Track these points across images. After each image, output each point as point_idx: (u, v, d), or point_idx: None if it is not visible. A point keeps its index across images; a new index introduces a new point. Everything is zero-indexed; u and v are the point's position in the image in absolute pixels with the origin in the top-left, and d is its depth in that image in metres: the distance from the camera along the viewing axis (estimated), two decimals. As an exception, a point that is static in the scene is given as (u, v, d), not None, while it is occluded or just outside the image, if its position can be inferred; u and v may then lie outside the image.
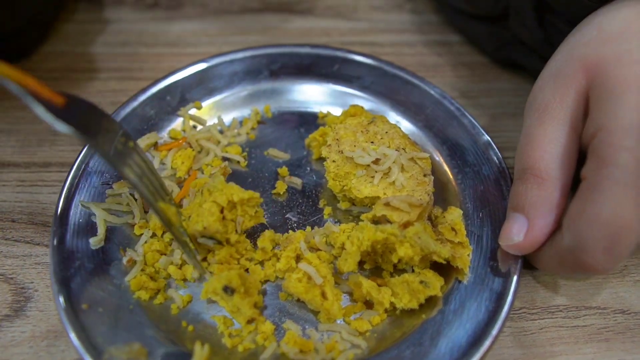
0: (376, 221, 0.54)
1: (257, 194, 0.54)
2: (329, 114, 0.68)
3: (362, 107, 0.65)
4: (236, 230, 0.54)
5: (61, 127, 0.44)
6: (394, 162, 0.57)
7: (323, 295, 0.51)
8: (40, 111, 0.43)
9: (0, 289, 0.54)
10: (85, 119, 0.46)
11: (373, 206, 0.56)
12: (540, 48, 0.66)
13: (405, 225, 0.52)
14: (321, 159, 0.63)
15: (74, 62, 0.75)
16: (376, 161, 0.58)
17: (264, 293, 0.54)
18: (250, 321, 0.51)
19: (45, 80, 0.71)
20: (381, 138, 0.60)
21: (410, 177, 0.57)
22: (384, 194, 0.56)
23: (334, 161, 0.59)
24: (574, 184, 0.50)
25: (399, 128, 0.62)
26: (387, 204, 0.54)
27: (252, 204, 0.55)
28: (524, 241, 0.50)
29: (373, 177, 0.57)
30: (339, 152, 0.59)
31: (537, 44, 0.66)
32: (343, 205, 0.60)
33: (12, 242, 0.57)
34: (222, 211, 0.52)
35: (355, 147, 0.59)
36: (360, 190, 0.56)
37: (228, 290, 0.49)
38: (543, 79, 0.53)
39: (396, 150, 0.59)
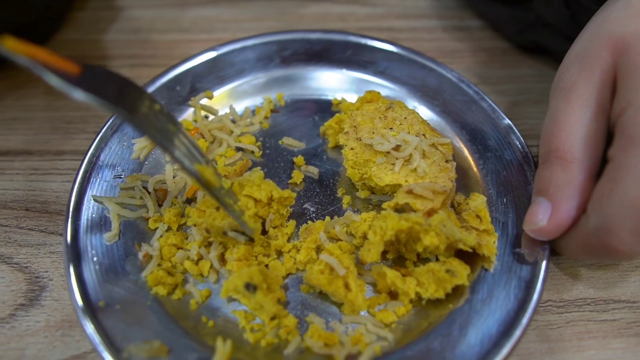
0: (399, 209, 0.53)
1: (293, 194, 0.54)
2: (343, 100, 0.66)
3: (378, 93, 0.64)
4: (265, 229, 0.53)
5: (79, 94, 0.41)
6: (415, 148, 0.55)
7: (346, 286, 0.49)
8: (55, 81, 0.41)
9: (15, 278, 0.53)
10: (105, 85, 0.44)
11: (393, 194, 0.55)
12: (566, 28, 0.64)
13: (429, 213, 0.51)
14: (337, 147, 0.62)
15: (87, 49, 0.74)
16: (396, 148, 0.56)
17: (284, 287, 0.53)
18: (273, 317, 0.49)
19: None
20: (400, 124, 0.58)
21: (432, 164, 0.56)
22: (406, 181, 0.54)
23: (352, 149, 0.57)
24: (602, 165, 0.48)
25: (418, 113, 0.60)
26: (409, 192, 0.52)
27: (286, 203, 0.54)
28: (548, 225, 0.49)
29: (393, 164, 0.56)
30: (357, 139, 0.58)
31: (563, 23, 0.64)
32: (362, 194, 0.59)
33: (27, 230, 0.57)
34: None
35: (373, 134, 0.58)
36: (381, 178, 0.55)
37: (250, 287, 0.48)
38: (569, 58, 0.51)
39: (416, 136, 0.57)
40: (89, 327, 0.47)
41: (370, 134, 0.58)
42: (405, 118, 0.59)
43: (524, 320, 0.48)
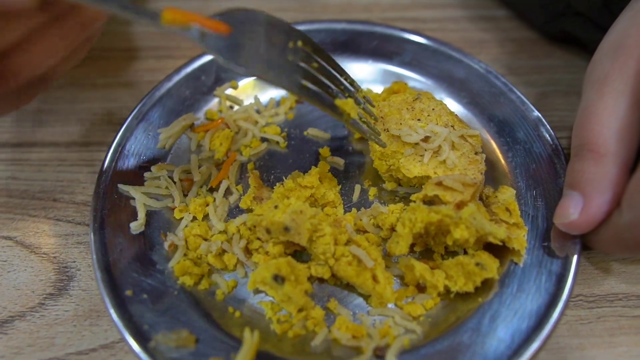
0: (427, 201, 0.52)
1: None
2: (369, 91, 0.65)
3: (405, 84, 0.63)
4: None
5: (233, 67, 0.44)
6: (444, 140, 0.55)
7: (374, 278, 0.49)
8: (213, 54, 0.44)
9: (44, 268, 0.54)
10: (254, 45, 0.46)
11: (421, 186, 0.54)
12: (599, 16, 0.62)
13: (459, 205, 0.50)
14: (362, 139, 0.61)
15: (112, 41, 0.74)
16: (425, 139, 0.55)
17: (311, 279, 0.52)
18: (301, 309, 0.49)
19: (83, 60, 0.70)
20: (428, 115, 0.58)
21: (461, 156, 0.55)
22: (435, 173, 0.54)
23: None
24: (637, 158, 0.47)
25: (445, 105, 0.59)
26: (439, 184, 0.52)
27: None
28: (579, 219, 0.48)
29: (422, 155, 0.55)
30: (385, 130, 0.57)
31: (595, 12, 0.62)
32: (389, 186, 0.58)
33: (55, 221, 0.57)
34: None
35: (401, 125, 0.57)
36: (410, 169, 0.54)
37: (278, 279, 0.48)
38: (602, 49, 0.50)
39: (444, 127, 0.56)
40: (116, 316, 0.47)
41: (397, 125, 0.57)
42: (433, 109, 0.58)
43: (555, 315, 0.47)
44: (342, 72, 0.54)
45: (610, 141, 0.47)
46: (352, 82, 0.55)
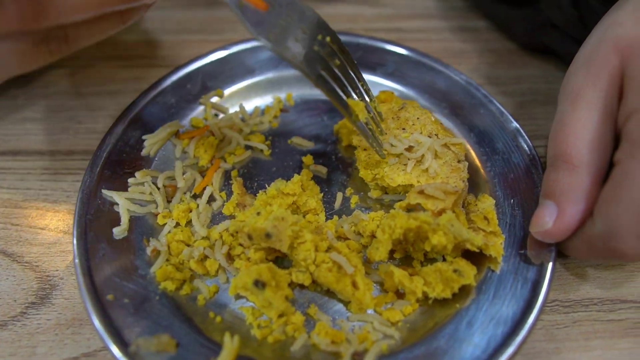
0: (410, 209, 0.53)
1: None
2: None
3: (392, 93, 0.64)
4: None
5: (263, 42, 0.46)
6: (427, 149, 0.56)
7: (354, 285, 0.50)
8: (246, 24, 0.46)
9: (26, 277, 0.54)
10: (286, 27, 0.49)
11: (406, 194, 0.55)
12: (574, 30, 0.64)
13: (440, 213, 0.51)
14: (350, 146, 0.62)
15: (97, 50, 0.74)
16: (409, 148, 0.56)
17: (292, 284, 0.53)
18: (281, 315, 0.50)
19: (68, 68, 0.71)
20: (412, 124, 0.59)
21: (444, 164, 0.56)
22: (418, 181, 0.55)
23: (365, 149, 0.58)
24: (609, 168, 0.48)
25: (430, 113, 0.61)
26: (421, 192, 0.53)
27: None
28: (553, 228, 0.49)
29: (406, 164, 0.56)
30: (376, 152, 0.58)
31: (571, 25, 0.64)
32: (374, 194, 0.59)
33: (38, 230, 0.57)
34: None
35: (387, 135, 0.58)
36: (393, 178, 0.55)
37: (259, 284, 0.48)
38: (576, 63, 0.52)
39: (428, 136, 0.57)
40: (97, 320, 0.47)
41: (382, 134, 0.58)
42: (418, 118, 0.59)
43: (530, 320, 0.48)
44: (361, 79, 0.56)
45: (583, 152, 0.48)
46: (367, 90, 0.57)
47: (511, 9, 0.72)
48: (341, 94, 0.52)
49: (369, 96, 0.57)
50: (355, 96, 0.54)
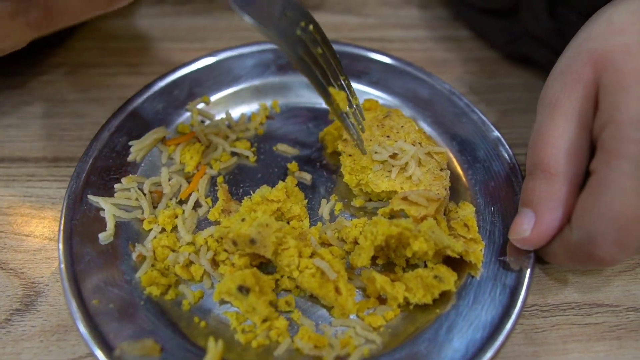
0: (393, 215, 0.54)
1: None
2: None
3: (377, 102, 0.65)
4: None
5: (246, 18, 0.46)
6: (411, 157, 0.57)
7: (337, 290, 0.50)
8: (231, 3, 0.46)
9: (11, 284, 0.54)
10: (269, 6, 0.49)
11: (389, 201, 0.56)
12: (552, 41, 0.66)
13: (423, 219, 0.52)
14: (335, 153, 0.63)
15: (83, 57, 0.75)
16: (393, 156, 0.57)
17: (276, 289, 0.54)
18: (265, 320, 0.50)
19: (54, 75, 0.71)
20: (397, 132, 0.60)
21: (427, 172, 0.57)
22: (401, 188, 0.56)
23: (350, 155, 0.59)
24: (586, 176, 0.50)
25: (414, 122, 0.62)
26: (404, 199, 0.54)
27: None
28: (531, 235, 0.50)
29: (390, 171, 0.57)
30: (355, 146, 0.59)
31: (549, 37, 0.66)
32: (357, 203, 0.60)
33: (23, 237, 0.57)
34: None
35: (371, 142, 0.59)
36: (378, 184, 0.56)
37: (243, 289, 0.49)
38: (554, 74, 0.53)
39: (412, 144, 0.58)
40: (82, 326, 0.47)
41: (368, 141, 0.59)
42: (402, 127, 0.60)
43: (508, 325, 0.49)
44: (342, 73, 0.56)
45: (560, 162, 0.49)
46: (349, 85, 0.57)
47: (492, 20, 0.74)
48: (322, 80, 0.52)
49: (350, 92, 0.57)
50: (336, 87, 0.54)
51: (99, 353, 0.46)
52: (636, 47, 0.46)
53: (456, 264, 0.53)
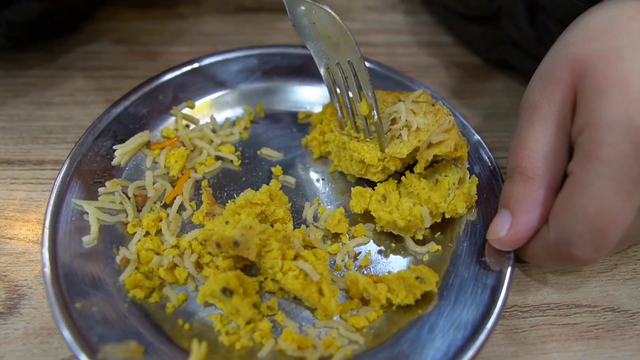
0: (430, 165, 0.56)
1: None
2: (309, 112, 0.68)
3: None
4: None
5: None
6: (406, 112, 0.58)
7: (320, 292, 0.51)
8: None
9: (-6, 288, 0.54)
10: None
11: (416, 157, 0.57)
12: (532, 48, 0.67)
13: (456, 148, 0.54)
14: (322, 158, 0.64)
15: (68, 60, 0.75)
16: (393, 121, 0.59)
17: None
18: (249, 322, 0.51)
19: (39, 78, 0.71)
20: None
21: (424, 114, 0.59)
22: (419, 141, 0.57)
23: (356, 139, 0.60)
24: (563, 180, 0.50)
25: (380, 90, 0.63)
26: (429, 146, 0.55)
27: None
28: (507, 236, 0.51)
29: (399, 137, 0.58)
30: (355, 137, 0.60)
31: (529, 44, 0.67)
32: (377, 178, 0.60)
33: (6, 239, 0.57)
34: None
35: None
36: (401, 152, 0.57)
37: (227, 292, 0.49)
38: (534, 80, 0.54)
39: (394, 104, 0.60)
40: (65, 329, 0.47)
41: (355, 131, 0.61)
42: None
43: (489, 325, 0.50)
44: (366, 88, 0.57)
45: (538, 165, 0.50)
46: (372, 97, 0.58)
47: (474, 26, 0.75)
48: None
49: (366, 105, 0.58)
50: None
51: (83, 357, 0.46)
52: (612, 53, 0.47)
53: (439, 264, 0.54)
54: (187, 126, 0.66)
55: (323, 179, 0.63)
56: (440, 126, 0.56)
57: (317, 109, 0.69)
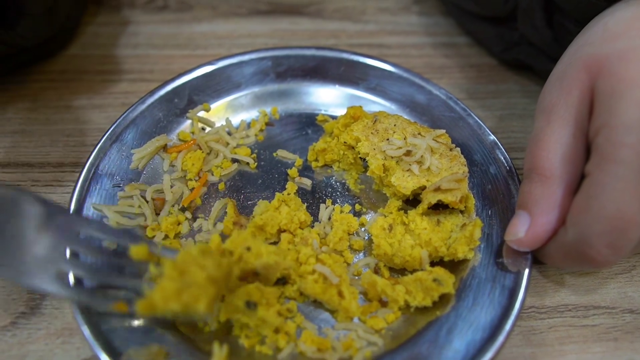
0: (431, 208, 0.56)
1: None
2: (327, 118, 0.68)
3: (360, 107, 0.64)
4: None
5: None
6: (424, 149, 0.58)
7: (340, 294, 0.51)
8: None
9: (17, 287, 0.54)
10: None
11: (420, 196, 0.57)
12: (549, 48, 0.67)
13: (461, 200, 0.54)
14: (325, 166, 0.65)
15: (85, 64, 0.75)
16: (407, 153, 0.58)
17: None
18: (277, 330, 0.51)
19: (57, 82, 0.72)
20: (393, 133, 0.61)
21: (440, 157, 0.58)
22: (427, 181, 0.57)
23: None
24: (580, 180, 0.50)
25: (402, 116, 0.63)
26: (436, 190, 0.55)
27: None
28: (525, 237, 0.51)
29: (408, 170, 0.58)
30: (363, 157, 0.61)
31: (546, 44, 0.67)
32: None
33: (28, 242, 0.58)
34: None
35: (375, 150, 0.60)
36: (405, 186, 0.57)
37: (251, 305, 0.49)
38: (550, 80, 0.54)
39: (414, 137, 0.60)
40: (88, 332, 0.48)
41: (371, 151, 0.60)
42: (394, 125, 0.61)
43: (507, 326, 0.50)
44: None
45: (555, 165, 0.50)
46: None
47: (490, 27, 0.75)
48: None
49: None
50: None
51: (104, 357, 0.47)
52: (631, 54, 0.47)
53: (454, 265, 0.54)
54: (203, 129, 0.67)
55: (338, 181, 0.63)
56: (454, 174, 0.56)
57: (332, 111, 0.69)
